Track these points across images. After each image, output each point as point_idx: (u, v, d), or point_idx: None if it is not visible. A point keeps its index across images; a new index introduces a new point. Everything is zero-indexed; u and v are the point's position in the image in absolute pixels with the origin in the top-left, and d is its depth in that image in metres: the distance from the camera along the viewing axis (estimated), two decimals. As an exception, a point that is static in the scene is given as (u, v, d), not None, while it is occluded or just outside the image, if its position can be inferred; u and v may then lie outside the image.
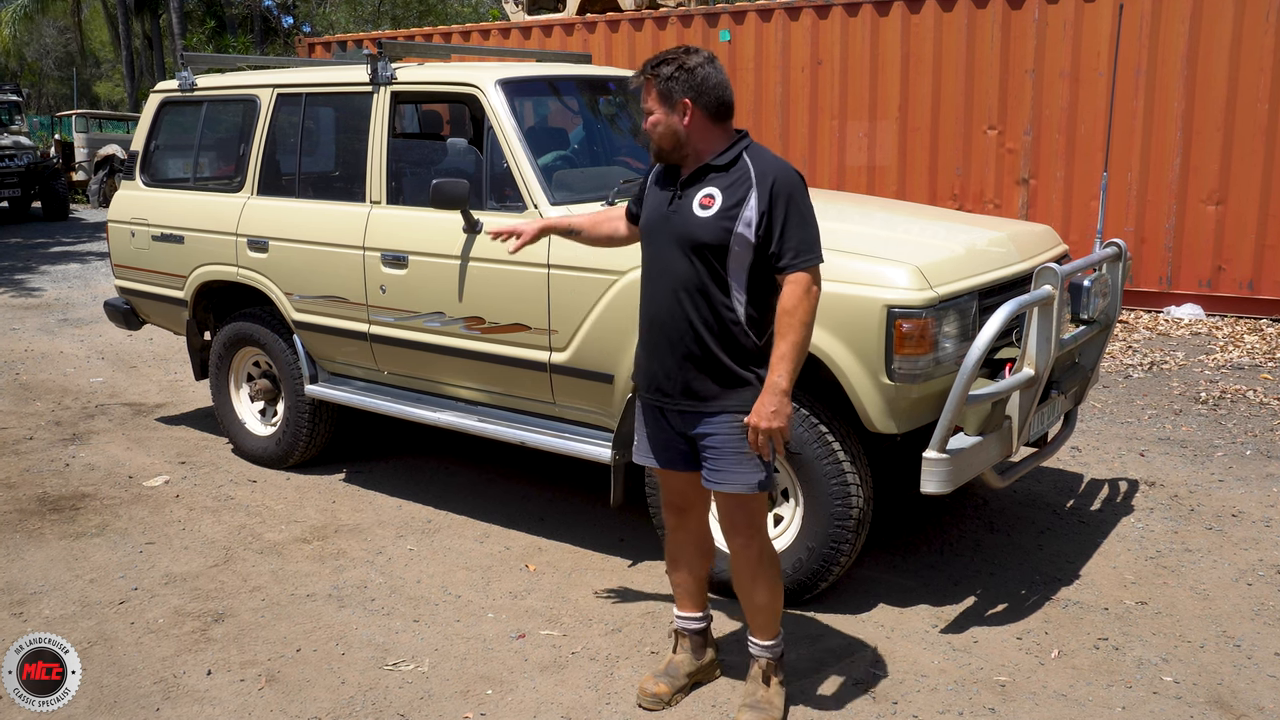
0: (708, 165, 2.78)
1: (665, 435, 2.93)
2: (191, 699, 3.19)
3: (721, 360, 2.77)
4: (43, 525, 4.55)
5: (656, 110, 2.78)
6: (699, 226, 2.73)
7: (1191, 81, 8.15)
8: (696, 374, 2.79)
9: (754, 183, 2.71)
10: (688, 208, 2.77)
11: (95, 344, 8.24)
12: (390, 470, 5.19)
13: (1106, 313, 4.05)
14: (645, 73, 2.80)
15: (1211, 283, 8.33)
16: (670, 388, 2.84)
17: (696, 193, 2.77)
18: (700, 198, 2.75)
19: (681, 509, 3.06)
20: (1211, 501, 4.64)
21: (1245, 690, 3.15)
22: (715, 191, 2.74)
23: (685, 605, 3.16)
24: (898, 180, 9.41)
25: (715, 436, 2.81)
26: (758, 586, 2.94)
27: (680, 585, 3.15)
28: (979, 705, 3.08)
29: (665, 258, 2.81)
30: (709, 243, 2.72)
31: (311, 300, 4.75)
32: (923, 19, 9.10)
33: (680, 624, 3.17)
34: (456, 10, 30.75)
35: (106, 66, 43.95)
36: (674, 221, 2.79)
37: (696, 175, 2.79)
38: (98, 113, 23.34)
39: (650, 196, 2.91)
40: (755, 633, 3.00)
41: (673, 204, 2.81)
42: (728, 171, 2.76)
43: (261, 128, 4.98)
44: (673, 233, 2.78)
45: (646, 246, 2.90)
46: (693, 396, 2.82)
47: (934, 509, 4.51)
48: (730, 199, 2.72)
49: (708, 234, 2.72)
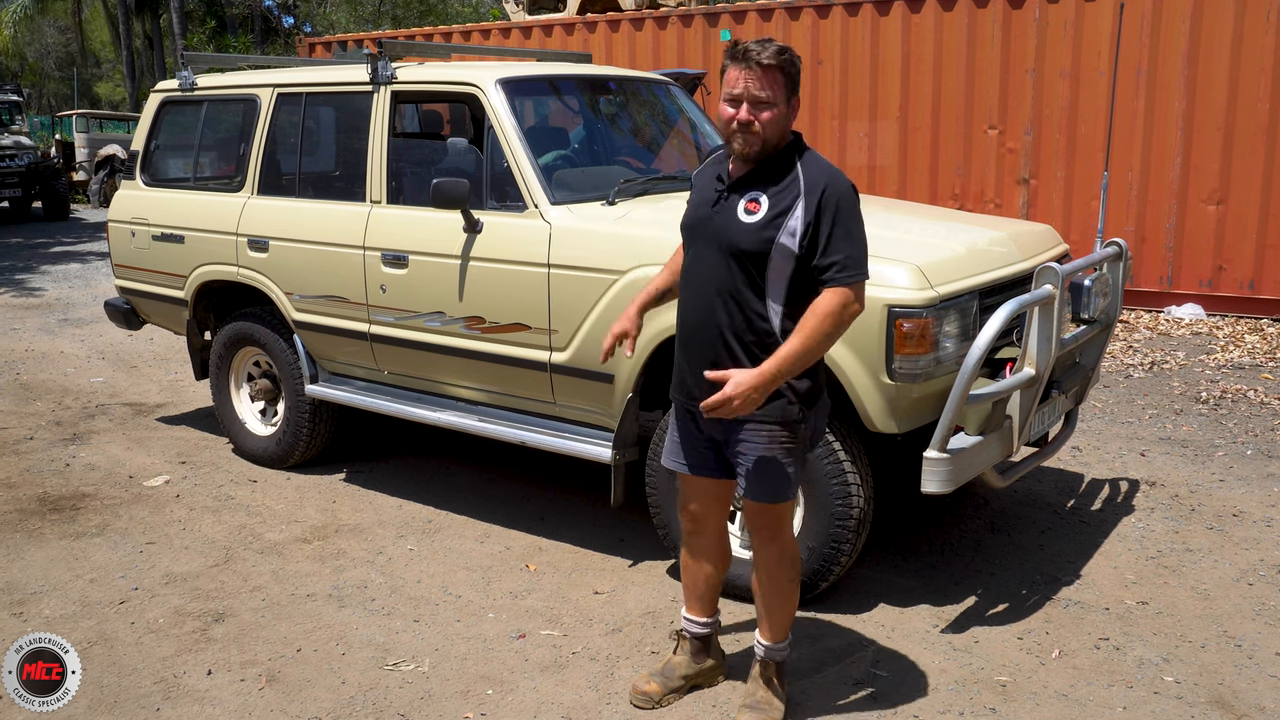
0: (760, 169, 2.68)
1: (694, 439, 2.90)
2: (192, 699, 3.19)
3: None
4: (43, 525, 4.55)
5: (778, 100, 2.62)
6: (740, 232, 2.65)
7: (1192, 81, 8.15)
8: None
9: (802, 191, 2.62)
10: (732, 211, 2.68)
11: (96, 344, 8.24)
12: (391, 470, 5.18)
13: (1107, 312, 4.04)
14: (765, 57, 2.58)
15: (1212, 282, 8.33)
16: (700, 392, 2.75)
17: (743, 196, 2.67)
18: (746, 202, 2.66)
19: (698, 515, 3.00)
20: (1212, 501, 4.63)
21: (1246, 690, 3.15)
22: (762, 197, 2.65)
23: (692, 607, 3.13)
24: (898, 180, 9.41)
25: (744, 444, 2.77)
26: (775, 587, 2.93)
27: (691, 587, 3.11)
28: (980, 705, 3.08)
29: (704, 260, 2.72)
30: (749, 250, 2.64)
31: (312, 300, 4.75)
32: (923, 18, 9.10)
33: (684, 625, 3.16)
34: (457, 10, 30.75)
35: (107, 66, 43.96)
36: (715, 224, 2.70)
37: (748, 178, 2.69)
38: (98, 113, 23.34)
39: (693, 199, 2.81)
40: (764, 633, 2.99)
41: (717, 205, 2.71)
42: (779, 178, 2.66)
43: (262, 127, 4.97)
44: (714, 235, 2.70)
45: (687, 247, 2.82)
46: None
47: (935, 509, 4.50)
48: (776, 207, 2.63)
49: (749, 241, 2.63)
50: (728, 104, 2.65)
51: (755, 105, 2.61)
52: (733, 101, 2.64)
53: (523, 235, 4.01)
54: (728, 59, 2.66)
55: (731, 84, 2.64)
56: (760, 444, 2.76)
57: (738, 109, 2.63)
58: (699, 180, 2.85)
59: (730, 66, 2.64)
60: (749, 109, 2.61)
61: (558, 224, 3.95)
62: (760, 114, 2.61)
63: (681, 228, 2.86)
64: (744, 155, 2.67)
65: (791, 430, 2.77)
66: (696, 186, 2.85)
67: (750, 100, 2.61)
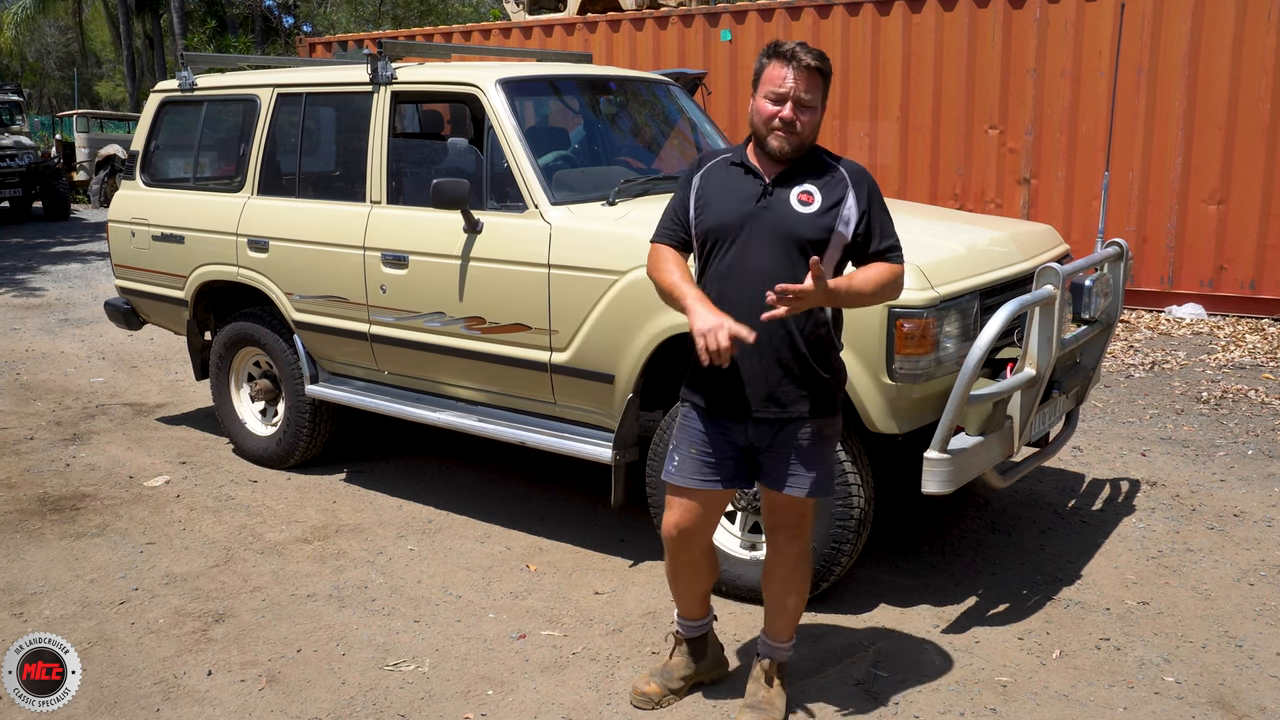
0: (799, 164, 2.70)
1: (723, 451, 2.78)
2: (192, 699, 3.18)
3: (810, 363, 2.70)
4: (43, 525, 4.55)
5: (818, 103, 2.65)
6: (800, 221, 2.65)
7: (1193, 81, 8.14)
8: (783, 378, 2.69)
9: (850, 183, 2.70)
10: (784, 203, 2.66)
11: (96, 344, 8.24)
12: (391, 470, 5.18)
13: (1108, 312, 4.04)
14: (809, 61, 2.60)
15: (1213, 282, 8.32)
16: (752, 394, 2.69)
17: (792, 189, 2.68)
18: (799, 194, 2.67)
19: (694, 532, 2.88)
20: (1213, 501, 4.63)
21: (1247, 691, 3.14)
22: (813, 189, 2.68)
23: (687, 611, 3.12)
24: (899, 180, 9.40)
25: (796, 442, 2.74)
26: (790, 587, 2.92)
27: (684, 595, 3.08)
28: (980, 705, 3.08)
29: (757, 255, 2.65)
30: (811, 239, 2.64)
31: (312, 300, 4.75)
32: (924, 18, 9.10)
33: (679, 628, 3.15)
34: (457, 10, 30.77)
35: (107, 66, 43.96)
36: (767, 218, 2.66)
37: (789, 173, 2.69)
38: (99, 113, 23.35)
39: (718, 197, 2.72)
40: (773, 633, 2.98)
41: (762, 200, 2.68)
42: (820, 172, 2.71)
43: (262, 127, 4.97)
44: (768, 228, 2.65)
45: (725, 248, 2.70)
46: (775, 403, 2.71)
47: (935, 509, 4.50)
48: (830, 197, 2.67)
49: (811, 230, 2.65)
50: (771, 101, 2.63)
51: (800, 106, 2.62)
52: (778, 100, 2.62)
53: (523, 235, 4.01)
54: (769, 56, 2.64)
55: (777, 82, 2.62)
56: (813, 440, 2.76)
57: (781, 107, 2.62)
58: (713, 182, 2.75)
59: (775, 64, 2.63)
60: (794, 109, 2.62)
61: (558, 224, 3.95)
62: (802, 115, 2.63)
63: (707, 230, 2.72)
64: (780, 154, 2.67)
65: (834, 421, 2.82)
66: (714, 188, 2.74)
67: (796, 101, 2.62)
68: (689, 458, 2.82)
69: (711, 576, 3.07)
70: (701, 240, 2.75)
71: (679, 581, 3.04)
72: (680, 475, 2.83)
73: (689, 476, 2.82)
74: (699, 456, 2.80)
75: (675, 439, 2.88)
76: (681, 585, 3.05)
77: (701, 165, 2.81)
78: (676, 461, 2.85)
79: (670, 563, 3.00)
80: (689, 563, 2.97)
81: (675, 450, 2.86)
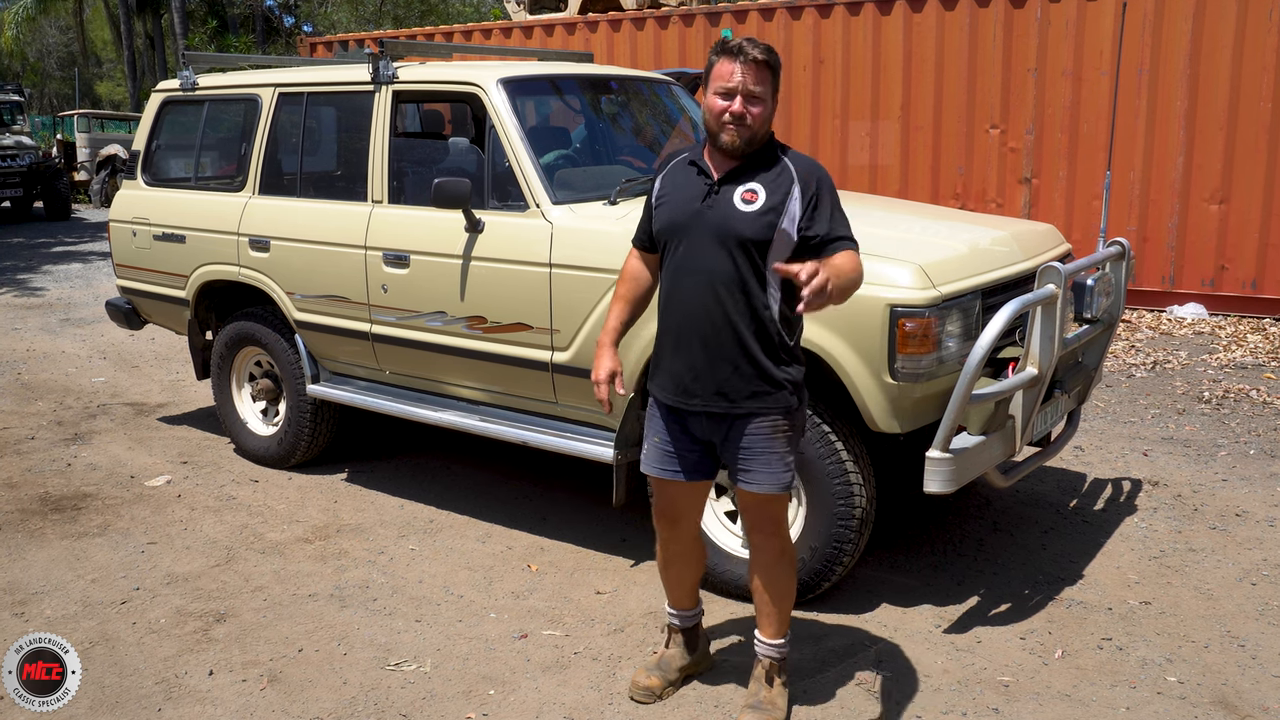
0: (748, 161, 2.73)
1: (680, 442, 2.88)
2: (193, 699, 3.18)
3: (758, 359, 2.73)
4: (44, 525, 4.55)
5: (768, 96, 2.68)
6: (741, 221, 2.68)
7: (1194, 80, 8.14)
8: (731, 373, 2.73)
9: (796, 179, 2.70)
10: (727, 202, 2.70)
11: (97, 344, 8.24)
12: (392, 470, 5.18)
13: (1110, 312, 4.04)
14: (756, 55, 2.64)
15: (1214, 282, 8.32)
16: (699, 388, 2.76)
17: (736, 188, 2.71)
18: (742, 193, 2.70)
19: (675, 519, 3.01)
20: (1215, 501, 4.63)
21: (1250, 691, 3.14)
22: (758, 187, 2.70)
23: (678, 602, 3.18)
24: (900, 179, 9.40)
25: (746, 438, 2.78)
26: (774, 584, 2.94)
27: (675, 585, 3.16)
28: (982, 705, 3.07)
29: (701, 254, 2.71)
30: (753, 238, 2.67)
31: (313, 300, 4.74)
32: (925, 18, 9.09)
33: (672, 619, 3.19)
34: (458, 10, 30.77)
35: (108, 66, 43.98)
36: (710, 217, 2.71)
37: (737, 171, 2.73)
38: (100, 112, 23.36)
39: (672, 197, 2.80)
40: (764, 631, 3.00)
41: (708, 199, 2.73)
42: (768, 168, 2.73)
43: (263, 127, 4.97)
44: (711, 228, 2.70)
45: (675, 246, 2.77)
46: (724, 398, 2.75)
47: (937, 509, 4.50)
48: (774, 195, 2.69)
49: (751, 229, 2.67)
50: (720, 97, 2.68)
51: (749, 99, 2.66)
52: (727, 94, 2.67)
53: (524, 235, 4.01)
54: (717, 54, 2.69)
55: (726, 77, 2.66)
56: (764, 435, 2.78)
57: (731, 101, 2.66)
58: (670, 181, 2.84)
59: (723, 60, 2.67)
60: (743, 102, 2.65)
61: (559, 223, 3.94)
62: (752, 108, 2.66)
63: (659, 230, 2.82)
64: (732, 147, 2.70)
65: (791, 419, 2.82)
66: (670, 187, 2.82)
67: (745, 94, 2.65)
68: (654, 447, 2.93)
69: (700, 567, 3.16)
70: (658, 238, 2.85)
71: (670, 570, 3.12)
72: (647, 464, 2.96)
73: (653, 465, 2.94)
74: (661, 446, 2.91)
75: (645, 428, 2.99)
76: (673, 575, 3.13)
77: (665, 165, 2.90)
78: (645, 449, 2.98)
79: (661, 553, 3.10)
80: (679, 553, 3.07)
81: (645, 439, 2.99)
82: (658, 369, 2.87)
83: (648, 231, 2.92)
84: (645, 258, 2.98)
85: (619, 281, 3.00)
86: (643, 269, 2.98)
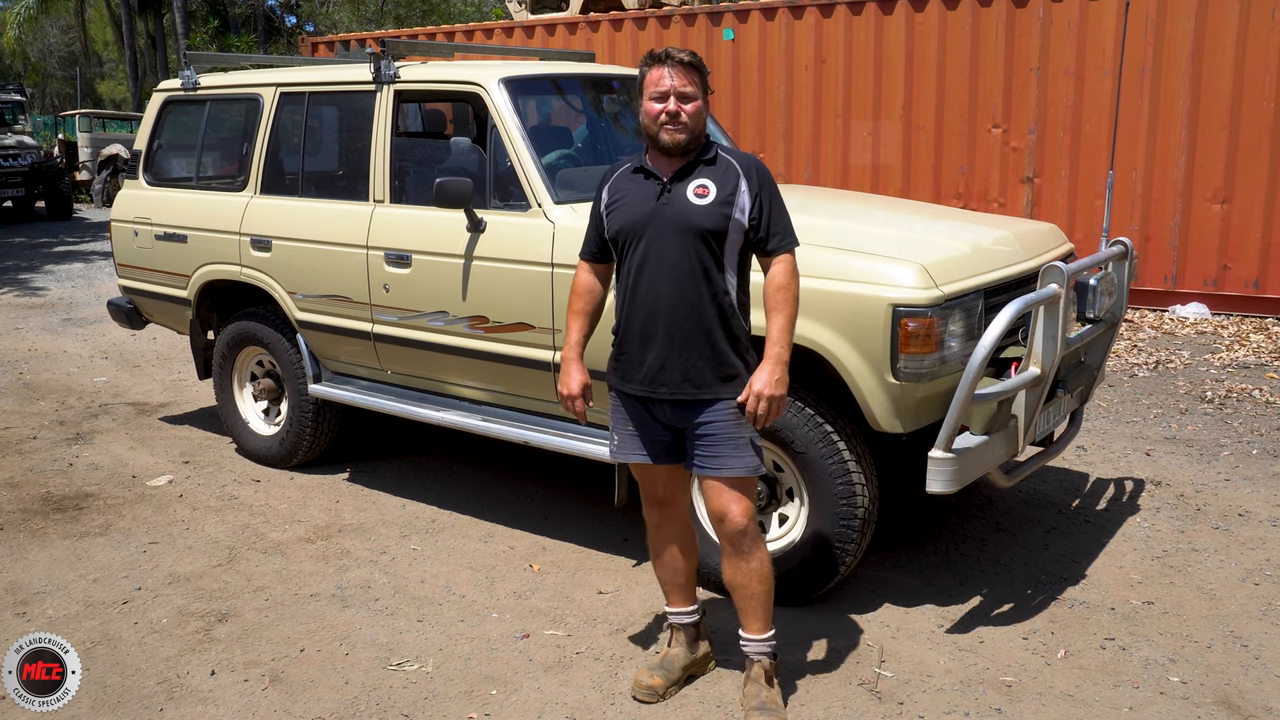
0: (696, 160, 2.89)
1: (650, 429, 2.98)
2: (195, 699, 3.18)
3: (720, 346, 2.86)
4: (46, 525, 4.55)
5: (698, 95, 2.85)
6: (698, 213, 2.83)
7: (1197, 80, 8.13)
8: (696, 361, 2.85)
9: (740, 172, 2.88)
10: (681, 198, 2.85)
11: (99, 343, 8.24)
12: (394, 470, 5.18)
13: (1112, 311, 4.03)
14: (682, 58, 2.83)
15: (1217, 281, 8.31)
16: (667, 377, 2.88)
17: (687, 185, 2.86)
18: (694, 188, 2.86)
19: (663, 502, 3.10)
20: (1218, 501, 4.62)
21: (1253, 691, 3.13)
22: (708, 182, 2.86)
23: (676, 600, 3.19)
24: (902, 179, 9.39)
25: (712, 424, 2.88)
26: (751, 571, 2.95)
27: (668, 581, 3.18)
28: (985, 705, 3.07)
29: (662, 248, 2.85)
30: (710, 229, 2.82)
31: (315, 299, 4.74)
32: (927, 17, 9.08)
33: (673, 619, 3.20)
34: (460, 9, 30.77)
35: (110, 66, 44.00)
36: (667, 213, 2.85)
37: (684, 171, 2.88)
38: (101, 112, 23.39)
39: (624, 201, 2.93)
40: (751, 628, 3.01)
41: (662, 197, 2.87)
42: (714, 164, 2.90)
43: (264, 127, 4.97)
44: (668, 223, 2.85)
45: (635, 245, 2.90)
46: (691, 384, 2.86)
47: (939, 508, 4.49)
48: (724, 188, 2.85)
49: (709, 220, 2.83)
50: (654, 101, 2.85)
51: (682, 98, 2.83)
52: (660, 98, 2.84)
53: (526, 234, 4.00)
54: (647, 65, 2.88)
55: (656, 82, 2.84)
56: (729, 422, 2.87)
57: (666, 103, 2.83)
58: (618, 188, 2.96)
59: (652, 69, 2.86)
60: (676, 102, 2.82)
61: (561, 223, 3.94)
62: (685, 106, 2.83)
63: (616, 233, 2.93)
64: (672, 145, 2.85)
65: None
66: (620, 193, 2.95)
67: (676, 94, 2.82)
68: (625, 436, 3.03)
69: (692, 557, 3.19)
70: (614, 242, 2.96)
71: (659, 564, 3.17)
72: (620, 453, 3.06)
73: (625, 453, 3.04)
74: (629, 433, 3.02)
75: (610, 421, 3.08)
76: (666, 567, 3.16)
77: (608, 178, 3.03)
78: (616, 441, 3.06)
79: (652, 543, 3.16)
80: (668, 538, 3.13)
81: (612, 431, 3.08)
82: (623, 364, 2.97)
83: (597, 241, 3.04)
84: (595, 269, 3.09)
85: (573, 297, 3.09)
86: (594, 281, 3.09)
